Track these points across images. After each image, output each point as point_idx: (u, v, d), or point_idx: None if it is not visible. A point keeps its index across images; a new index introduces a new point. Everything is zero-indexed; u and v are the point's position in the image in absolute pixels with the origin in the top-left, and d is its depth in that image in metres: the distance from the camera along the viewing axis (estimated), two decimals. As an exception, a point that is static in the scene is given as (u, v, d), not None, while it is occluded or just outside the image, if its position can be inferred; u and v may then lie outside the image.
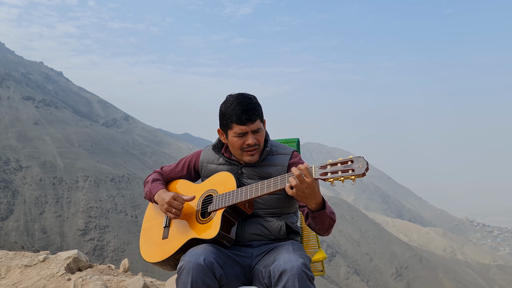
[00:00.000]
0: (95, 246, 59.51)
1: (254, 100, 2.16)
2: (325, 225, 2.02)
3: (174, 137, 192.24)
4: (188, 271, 1.85)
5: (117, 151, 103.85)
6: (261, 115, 2.17)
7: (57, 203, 66.12)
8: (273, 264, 1.91)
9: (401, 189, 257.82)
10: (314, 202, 1.92)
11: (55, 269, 3.42)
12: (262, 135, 2.19)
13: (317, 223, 2.01)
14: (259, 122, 2.15)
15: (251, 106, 2.11)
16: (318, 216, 1.97)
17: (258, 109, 2.14)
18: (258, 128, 2.14)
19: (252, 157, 2.18)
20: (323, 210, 1.96)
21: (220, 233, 2.04)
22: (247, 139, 2.13)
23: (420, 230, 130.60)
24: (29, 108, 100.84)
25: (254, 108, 2.12)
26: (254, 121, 2.12)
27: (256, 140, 2.14)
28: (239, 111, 2.09)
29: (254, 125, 2.12)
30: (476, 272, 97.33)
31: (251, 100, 2.14)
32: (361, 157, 1.79)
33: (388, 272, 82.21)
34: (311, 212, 1.98)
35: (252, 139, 2.13)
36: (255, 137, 2.14)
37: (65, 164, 76.25)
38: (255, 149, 2.17)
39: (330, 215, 2.00)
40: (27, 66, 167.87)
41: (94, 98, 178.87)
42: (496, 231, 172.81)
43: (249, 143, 2.13)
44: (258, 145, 2.17)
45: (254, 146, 2.15)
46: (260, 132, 2.17)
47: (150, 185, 2.39)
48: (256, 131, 2.14)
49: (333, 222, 2.04)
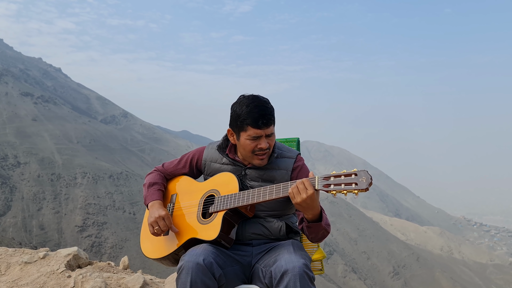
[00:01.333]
0: (93, 242, 59.42)
1: (270, 104, 2.15)
2: (319, 235, 2.04)
3: (173, 134, 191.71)
4: (187, 271, 1.87)
5: (116, 148, 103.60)
6: (275, 120, 2.17)
7: (55, 199, 65.97)
8: (274, 265, 1.92)
9: (399, 188, 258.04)
10: (312, 213, 1.94)
11: (55, 266, 3.43)
12: (274, 139, 2.20)
13: (310, 232, 2.03)
14: (273, 127, 2.16)
15: (268, 111, 2.11)
16: (313, 227, 1.99)
17: (273, 114, 2.14)
18: (272, 132, 2.15)
19: (261, 161, 2.19)
20: (319, 222, 1.98)
21: (220, 235, 2.06)
22: (260, 142, 2.13)
23: (418, 229, 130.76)
24: (27, 104, 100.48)
25: (270, 112, 2.12)
26: (270, 125, 2.12)
27: (268, 145, 2.15)
28: (256, 115, 2.08)
29: (269, 129, 2.12)
30: (473, 271, 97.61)
31: (267, 104, 2.13)
32: (365, 171, 1.80)
33: (385, 271, 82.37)
34: (306, 222, 2.00)
35: (265, 143, 2.13)
36: (268, 141, 2.14)
37: (63, 161, 76.06)
38: (266, 153, 2.17)
39: (325, 226, 2.02)
40: (26, 62, 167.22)
41: (93, 94, 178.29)
42: (493, 230, 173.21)
43: (262, 147, 2.13)
44: (269, 149, 2.17)
45: (266, 150, 2.16)
46: (272, 137, 2.17)
47: (146, 191, 2.39)
48: (269, 136, 2.15)
49: (327, 234, 2.06)
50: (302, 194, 1.87)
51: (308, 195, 1.86)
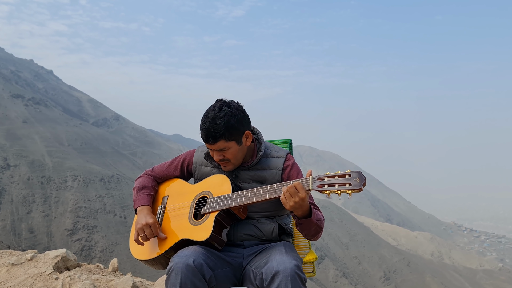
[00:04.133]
0: (83, 246, 58.86)
1: (220, 120, 2.06)
2: (311, 232, 2.04)
3: (165, 138, 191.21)
4: (177, 272, 1.84)
5: (107, 151, 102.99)
6: (226, 135, 2.07)
7: (45, 202, 65.34)
8: (266, 266, 1.90)
9: (390, 193, 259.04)
10: (301, 210, 1.94)
11: (42, 268, 3.38)
12: (232, 152, 2.13)
13: (303, 229, 2.03)
14: (223, 142, 2.08)
15: (212, 128, 2.05)
16: (304, 223, 1.99)
17: (220, 131, 2.05)
18: (221, 148, 2.11)
19: (225, 167, 2.21)
20: (308, 218, 1.97)
21: (212, 236, 2.02)
22: (213, 154, 2.17)
23: (409, 234, 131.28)
24: (18, 106, 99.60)
25: (216, 130, 2.05)
26: (215, 143, 2.08)
27: (222, 157, 2.14)
28: (202, 131, 2.10)
29: (216, 145, 2.10)
30: (463, 276, 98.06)
31: (215, 121, 2.06)
32: (359, 172, 1.81)
33: (376, 276, 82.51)
34: (297, 219, 1.99)
35: (217, 156, 2.14)
36: (222, 153, 2.13)
37: (53, 163, 75.39)
38: (226, 163, 2.18)
39: (317, 222, 2.02)
40: (17, 64, 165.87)
41: (85, 97, 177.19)
42: (483, 236, 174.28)
43: (215, 159, 2.18)
44: (227, 160, 2.16)
45: (222, 161, 2.17)
46: (228, 150, 2.12)
47: (136, 195, 2.35)
48: (222, 150, 2.12)
49: (320, 229, 2.06)
50: (294, 198, 1.87)
51: (300, 198, 1.86)
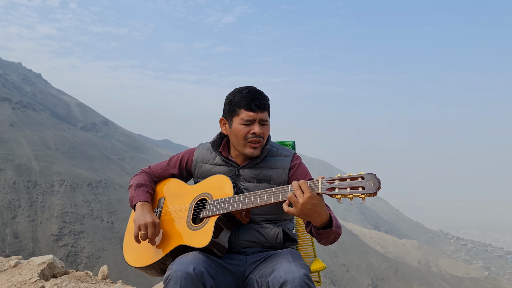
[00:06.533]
0: (69, 252, 58.02)
1: (265, 94, 2.10)
2: (330, 239, 1.88)
3: (154, 143, 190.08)
4: (176, 281, 1.71)
5: (95, 155, 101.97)
6: (269, 109, 2.11)
7: (31, 207, 64.38)
8: (272, 275, 1.75)
9: (378, 201, 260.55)
10: (319, 220, 1.76)
11: (27, 276, 3.19)
12: (268, 129, 2.10)
13: (321, 238, 1.87)
14: (267, 115, 2.07)
15: (262, 96, 2.06)
16: (324, 233, 1.83)
17: (268, 101, 2.09)
18: (266, 119, 2.06)
19: (254, 150, 2.05)
20: (329, 228, 1.81)
21: (212, 242, 1.87)
22: (253, 127, 2.02)
23: (396, 242, 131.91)
24: (5, 109, 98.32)
25: (264, 98, 2.07)
26: (264, 110, 2.04)
27: (262, 131, 2.03)
28: (249, 98, 2.02)
29: (263, 114, 2.04)
30: (450, 284, 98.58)
31: (262, 92, 2.09)
32: (373, 174, 1.64)
33: (364, 283, 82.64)
34: (316, 229, 1.83)
35: (259, 128, 2.02)
36: (262, 128, 2.03)
37: (40, 168, 74.41)
38: (259, 142, 2.05)
39: (336, 229, 1.86)
40: (5, 67, 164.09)
41: (73, 101, 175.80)
42: (470, 244, 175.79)
43: (255, 131, 2.01)
44: (262, 137, 2.05)
45: (259, 137, 2.03)
46: (267, 126, 2.08)
47: (133, 191, 2.19)
48: (263, 122, 2.05)
49: (338, 236, 1.90)
50: (299, 199, 1.69)
51: (305, 199, 1.68)
